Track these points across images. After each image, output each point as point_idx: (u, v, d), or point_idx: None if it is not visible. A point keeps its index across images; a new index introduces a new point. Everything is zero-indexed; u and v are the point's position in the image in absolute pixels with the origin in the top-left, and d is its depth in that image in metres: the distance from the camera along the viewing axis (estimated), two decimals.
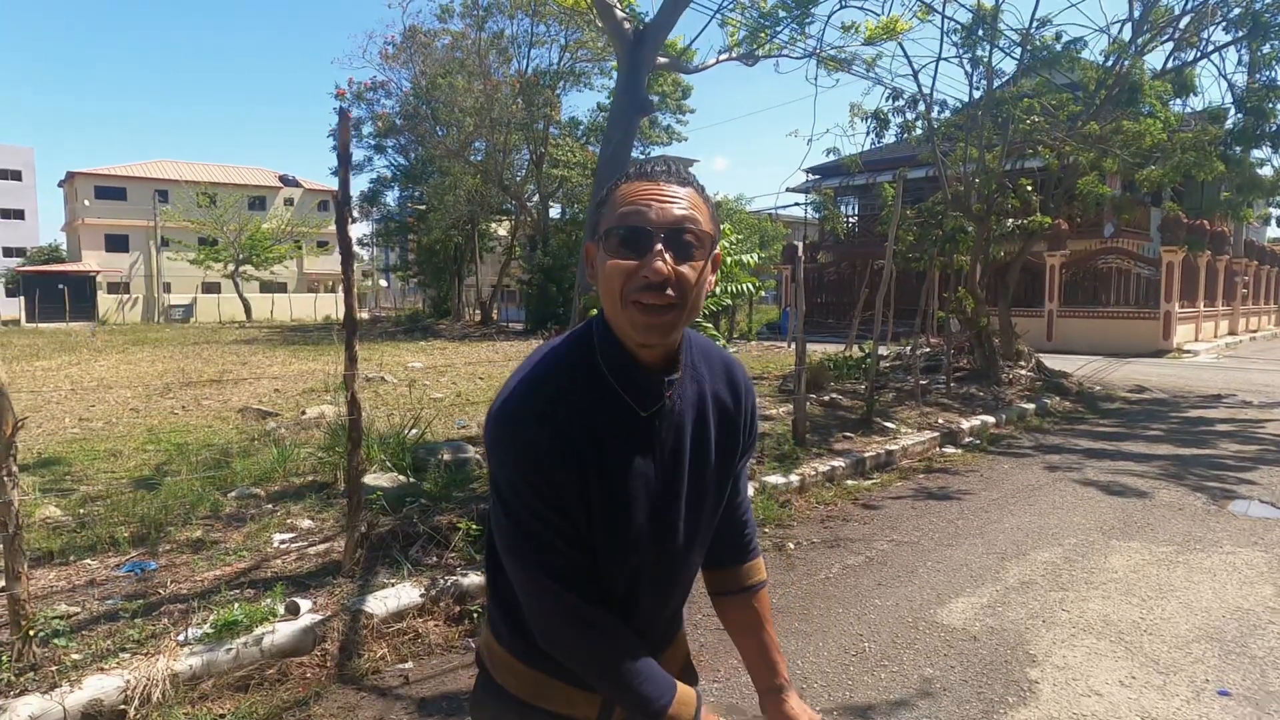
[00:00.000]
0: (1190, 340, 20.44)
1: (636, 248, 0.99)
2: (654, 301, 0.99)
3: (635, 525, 1.08)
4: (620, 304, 1.00)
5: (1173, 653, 3.35)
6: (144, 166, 46.59)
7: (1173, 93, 10.75)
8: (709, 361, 1.18)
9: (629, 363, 1.06)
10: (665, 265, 0.98)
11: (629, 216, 1.00)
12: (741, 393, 1.21)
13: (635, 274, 0.99)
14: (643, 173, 1.04)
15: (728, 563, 1.31)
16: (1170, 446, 7.86)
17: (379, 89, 26.85)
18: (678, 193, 1.02)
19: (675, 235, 0.99)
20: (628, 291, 0.99)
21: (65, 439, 7.12)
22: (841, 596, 4.01)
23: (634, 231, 0.99)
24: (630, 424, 1.07)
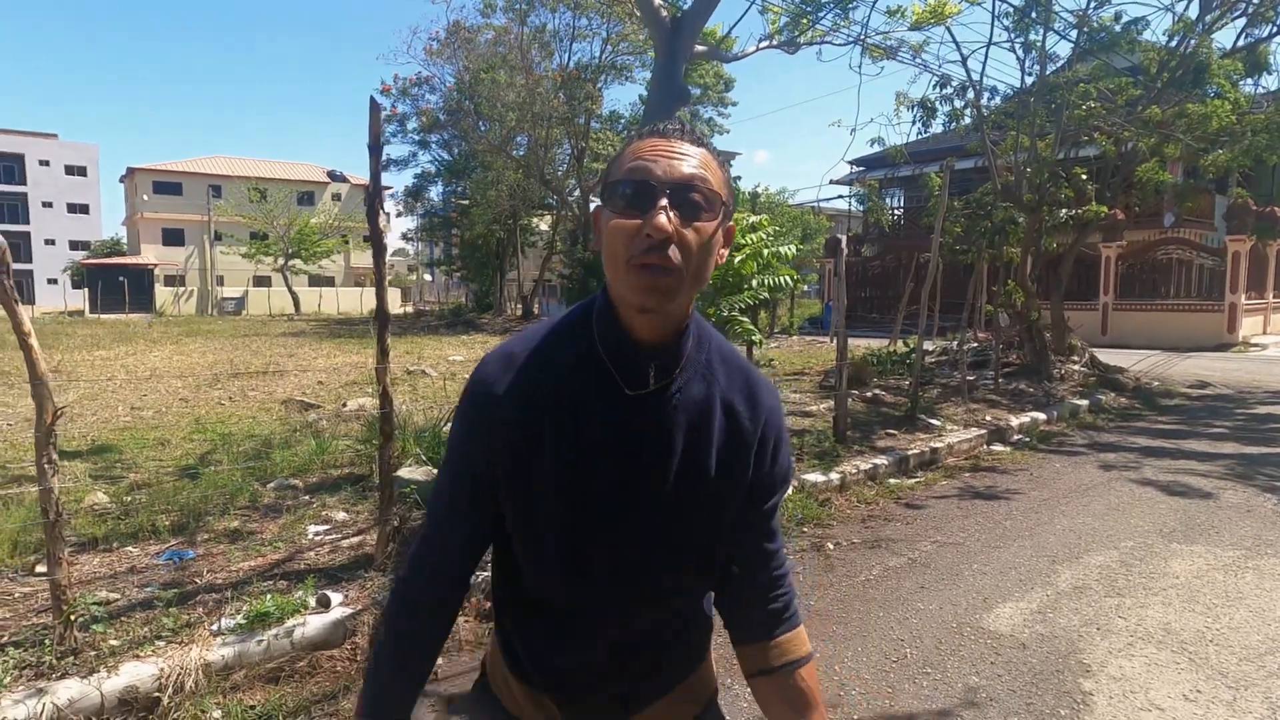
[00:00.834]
0: (1258, 334, 19.53)
1: (640, 205, 0.91)
2: (656, 262, 0.90)
3: (594, 510, 0.98)
4: (622, 267, 0.92)
5: (1243, 665, 3.15)
6: (199, 162, 48.01)
7: (1244, 72, 10.20)
8: (728, 368, 1.06)
9: (623, 336, 0.97)
10: (669, 223, 0.89)
11: (634, 172, 0.92)
12: (761, 413, 1.06)
13: (638, 233, 0.90)
14: (655, 130, 0.96)
15: (757, 635, 1.09)
16: (1236, 445, 7.48)
17: (423, 84, 27.21)
18: (688, 151, 0.94)
19: (682, 192, 0.91)
20: (631, 252, 0.91)
21: (117, 427, 7.32)
22: (882, 599, 3.87)
23: (638, 187, 0.91)
24: (613, 402, 0.97)
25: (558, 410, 0.97)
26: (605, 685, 1.09)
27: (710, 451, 1.02)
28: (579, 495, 0.98)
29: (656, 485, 1.00)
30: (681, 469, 1.00)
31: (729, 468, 1.04)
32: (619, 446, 0.98)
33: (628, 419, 0.98)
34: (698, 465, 1.01)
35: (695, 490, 1.02)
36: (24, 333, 2.69)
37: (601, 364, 0.98)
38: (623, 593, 1.03)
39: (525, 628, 1.09)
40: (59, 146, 60.06)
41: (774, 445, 1.08)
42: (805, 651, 1.10)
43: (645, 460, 0.99)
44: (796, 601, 1.14)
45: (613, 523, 1.00)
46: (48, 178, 58.97)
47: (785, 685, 1.08)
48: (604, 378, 0.98)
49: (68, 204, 59.92)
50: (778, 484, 1.10)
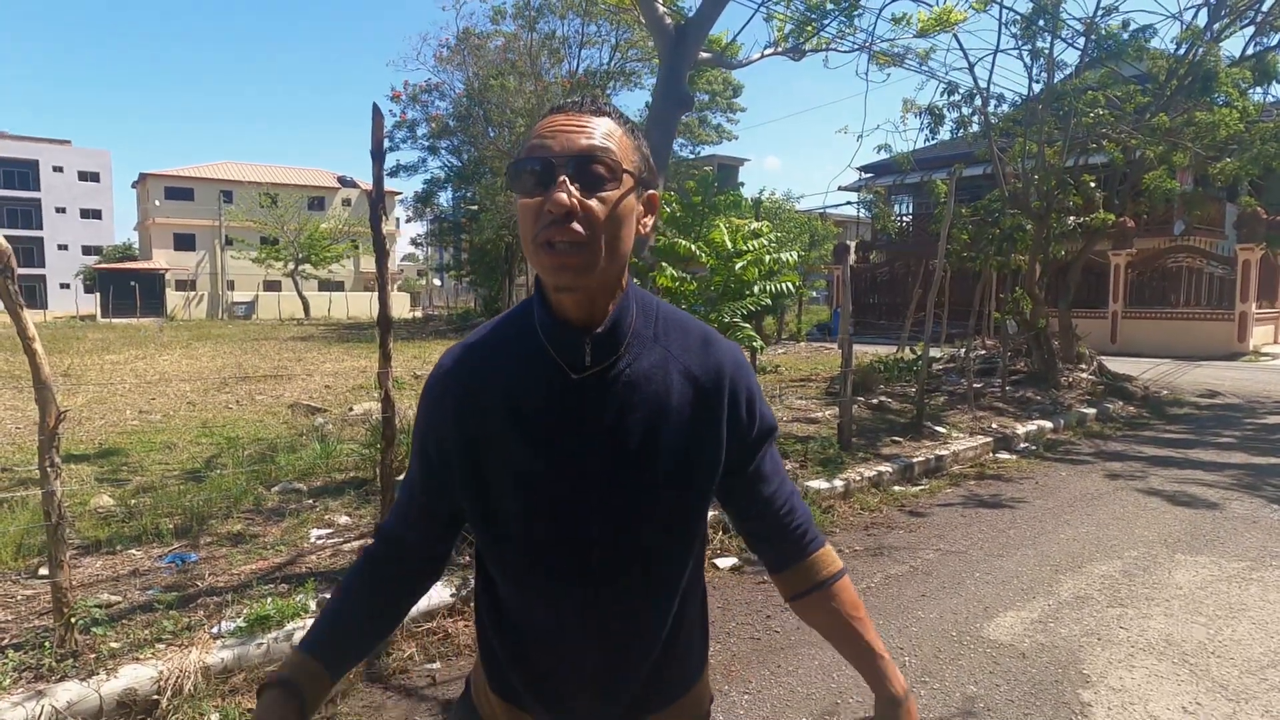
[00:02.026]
0: (1269, 343, 19.38)
1: (542, 182, 0.90)
2: (561, 239, 0.89)
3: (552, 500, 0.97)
4: (531, 246, 0.92)
5: (1244, 678, 3.12)
6: (210, 168, 48.41)
7: (1252, 80, 10.13)
8: (681, 334, 1.04)
9: (556, 319, 0.97)
10: (569, 197, 0.89)
11: (534, 150, 0.92)
12: (724, 372, 1.03)
13: (541, 210, 0.90)
14: (557, 106, 0.96)
15: (787, 562, 1.13)
16: (1244, 455, 7.42)
17: (433, 91, 27.36)
18: (589, 122, 0.93)
19: (582, 165, 0.90)
20: (536, 231, 0.91)
21: (125, 430, 7.39)
22: (883, 607, 3.86)
23: (537, 164, 0.91)
24: (560, 387, 0.97)
25: (506, 399, 0.98)
26: (590, 697, 1.04)
27: (673, 424, 0.99)
28: (535, 486, 0.97)
29: (616, 468, 0.97)
30: (642, 448, 0.98)
31: (698, 437, 1.01)
32: (571, 433, 0.96)
33: (578, 404, 0.96)
34: (661, 441, 0.98)
35: (661, 467, 0.99)
36: (28, 337, 2.72)
37: (544, 350, 0.98)
38: (596, 587, 1.00)
39: (505, 635, 1.06)
40: (72, 153, 60.66)
41: (746, 401, 1.05)
42: (839, 566, 1.15)
43: (601, 444, 0.97)
44: (814, 523, 1.17)
45: (574, 511, 0.98)
46: (61, 183, 59.56)
47: (828, 598, 1.12)
48: (548, 364, 0.97)
49: (80, 209, 60.49)
50: (761, 439, 1.09)
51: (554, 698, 1.05)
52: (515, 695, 1.08)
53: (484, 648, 1.11)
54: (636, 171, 0.96)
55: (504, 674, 1.08)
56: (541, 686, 1.05)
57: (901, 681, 1.09)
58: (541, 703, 1.06)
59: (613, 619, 1.02)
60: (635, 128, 0.99)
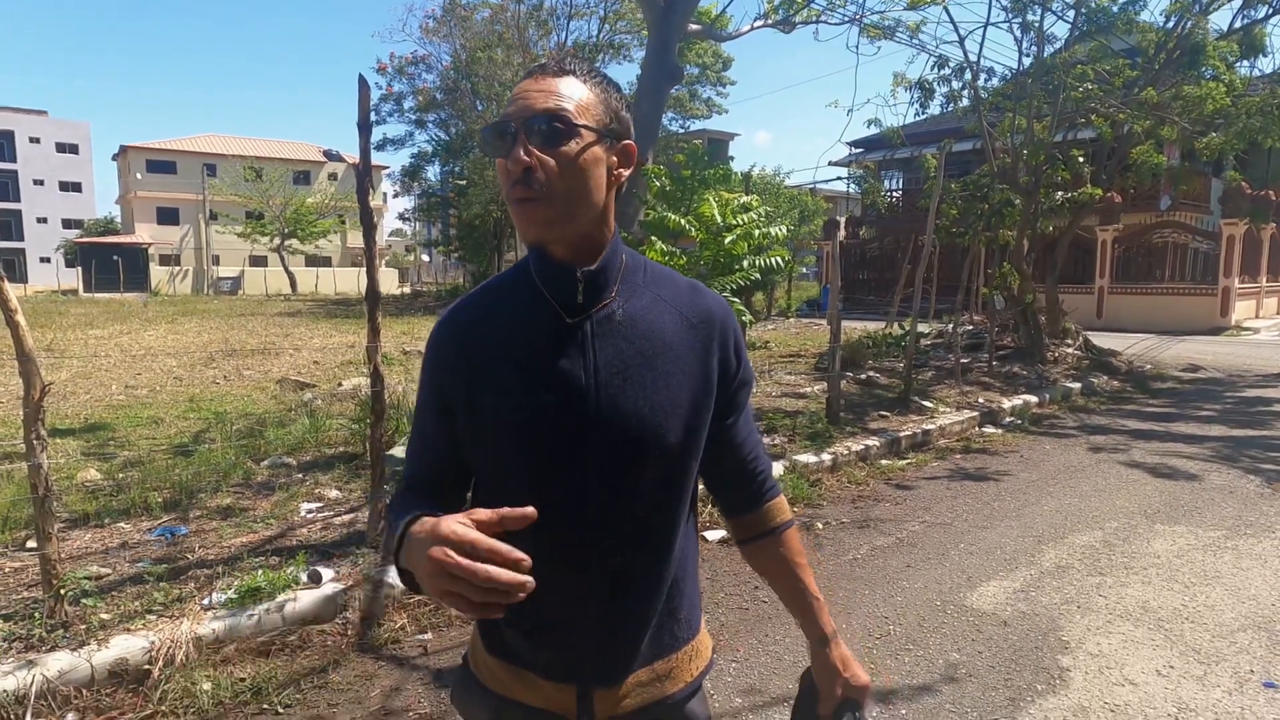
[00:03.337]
0: (1250, 317, 19.59)
1: (505, 145, 0.96)
2: (521, 195, 0.96)
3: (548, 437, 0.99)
4: (510, 205, 0.98)
5: (1216, 642, 3.20)
6: (193, 141, 47.61)
7: (1239, 54, 10.15)
8: (672, 283, 1.10)
9: (548, 263, 1.02)
10: (524, 156, 0.94)
11: (500, 117, 0.98)
12: (714, 314, 1.08)
13: (506, 170, 0.96)
14: (526, 72, 1.02)
15: (745, 508, 1.20)
16: (1224, 427, 7.54)
17: (419, 63, 26.99)
18: (549, 84, 0.98)
19: (536, 124, 0.95)
20: (508, 190, 0.97)
21: (111, 405, 7.34)
22: (869, 578, 3.92)
23: (498, 129, 0.97)
24: (554, 331, 1.01)
25: (502, 345, 1.02)
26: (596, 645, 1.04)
27: (670, 360, 1.03)
28: (535, 429, 0.99)
29: (617, 406, 1.00)
30: (641, 383, 1.01)
31: (694, 376, 1.05)
32: (569, 374, 0.99)
33: (574, 345, 1.00)
34: (660, 376, 1.02)
35: (661, 403, 1.01)
36: (10, 309, 2.70)
37: (540, 296, 1.02)
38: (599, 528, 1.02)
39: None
40: (49, 124, 59.47)
41: (734, 346, 1.11)
42: (789, 516, 1.23)
43: (600, 384, 0.99)
44: (773, 474, 1.25)
45: (574, 453, 0.99)
46: (38, 155, 58.45)
47: (777, 545, 1.20)
48: (544, 309, 1.02)
49: (60, 182, 59.45)
50: (742, 386, 1.14)
51: (559, 648, 1.05)
52: (514, 654, 1.08)
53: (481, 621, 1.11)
54: (599, 124, 0.99)
55: (502, 633, 1.08)
56: (545, 638, 1.05)
57: (830, 623, 1.21)
58: (545, 655, 1.06)
59: (616, 560, 1.03)
60: (604, 81, 1.03)
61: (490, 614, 0.77)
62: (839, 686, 1.20)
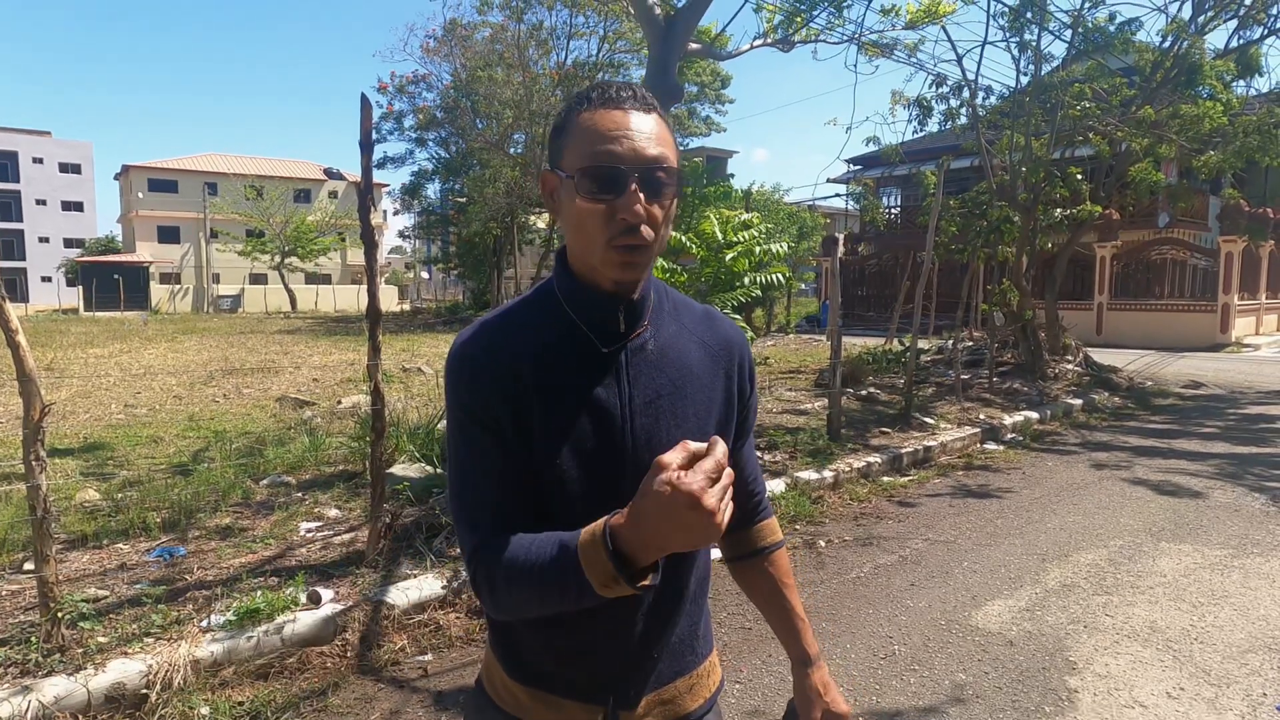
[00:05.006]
0: (1250, 334, 19.59)
1: (612, 189, 0.95)
2: (631, 243, 0.96)
3: (584, 467, 0.99)
4: (600, 249, 0.97)
5: (1226, 663, 3.17)
6: (194, 160, 47.86)
7: (1236, 73, 10.22)
8: (690, 310, 1.13)
9: (591, 296, 1.02)
10: (642, 207, 0.95)
11: (601, 155, 0.95)
12: (732, 341, 1.13)
13: (612, 217, 0.95)
14: (607, 98, 0.97)
15: (736, 525, 1.21)
16: (1226, 445, 7.51)
17: (420, 82, 27.10)
18: (646, 125, 0.97)
19: (649, 174, 0.95)
20: (609, 235, 0.96)
21: (111, 424, 7.32)
22: (872, 596, 3.88)
23: (609, 172, 0.95)
24: (590, 360, 1.01)
25: (541, 371, 1.00)
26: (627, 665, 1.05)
27: (697, 388, 1.07)
28: (573, 457, 1.00)
29: (651, 433, 1.02)
30: (674, 411, 1.04)
31: (717, 402, 1.09)
32: (605, 403, 1.00)
33: (609, 374, 1.01)
34: (689, 404, 1.05)
35: (693, 428, 1.04)
36: (11, 330, 2.69)
37: (574, 326, 1.02)
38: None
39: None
40: (53, 144, 59.80)
41: (748, 369, 1.15)
42: (780, 537, 1.26)
43: (634, 411, 1.01)
44: (768, 497, 1.28)
45: (613, 479, 1.00)
46: (41, 175, 58.71)
47: (765, 563, 1.22)
48: (577, 338, 1.02)
49: (62, 202, 59.69)
50: (751, 410, 1.19)
51: (591, 669, 1.05)
52: (539, 677, 1.07)
53: (502, 636, 1.10)
54: (678, 168, 1.01)
55: (525, 656, 1.07)
56: (578, 660, 1.05)
57: (814, 646, 1.21)
58: (576, 676, 1.05)
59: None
60: (666, 113, 1.04)
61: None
62: (818, 711, 1.18)
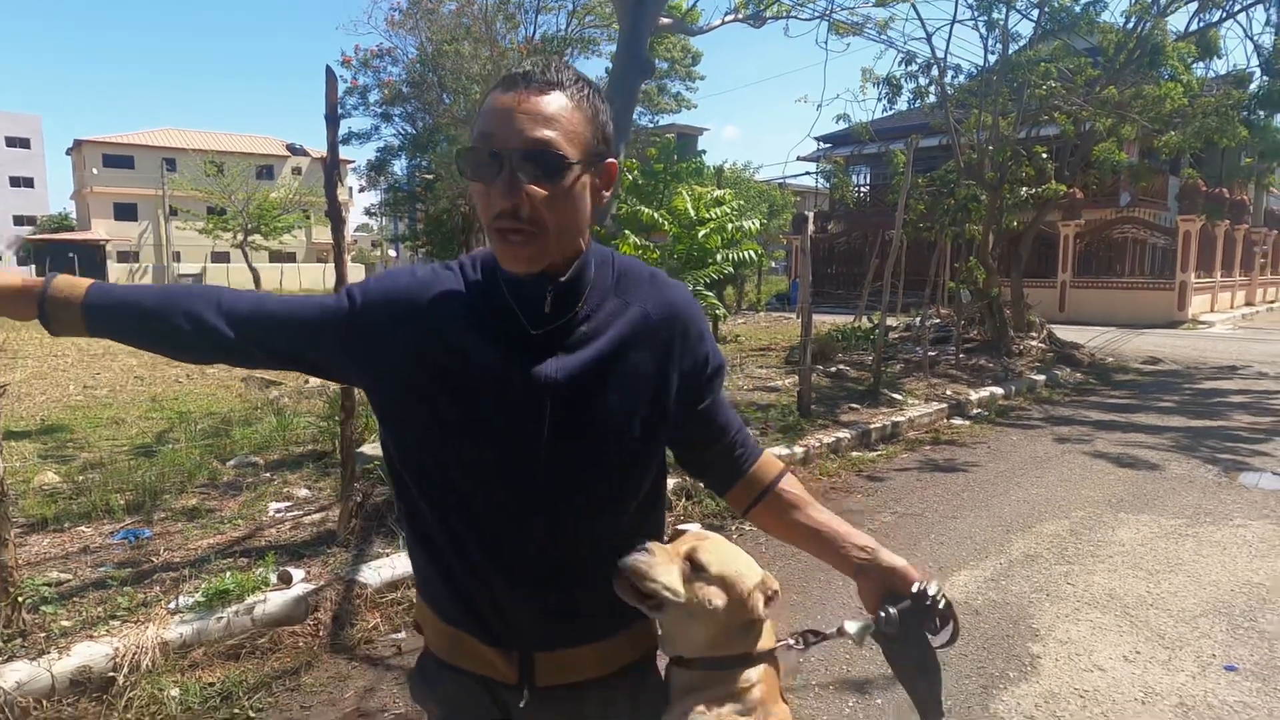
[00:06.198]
0: (1206, 311, 20.13)
1: (487, 173, 0.90)
2: (509, 227, 0.91)
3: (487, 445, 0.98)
4: (487, 230, 0.94)
5: (1179, 627, 3.29)
6: (151, 135, 46.41)
7: (1196, 54, 10.41)
8: (635, 279, 1.06)
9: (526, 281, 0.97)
10: (512, 192, 0.89)
11: (480, 139, 0.91)
12: (677, 312, 1.06)
13: (491, 201, 0.91)
14: (507, 80, 0.93)
15: (734, 480, 1.16)
16: (1183, 418, 7.74)
17: (385, 56, 26.52)
18: (538, 105, 0.90)
19: (528, 158, 0.89)
20: (490, 219, 0.92)
21: (69, 405, 7.13)
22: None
23: (480, 154, 0.90)
24: (515, 342, 0.98)
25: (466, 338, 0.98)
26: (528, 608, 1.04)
27: (628, 370, 1.02)
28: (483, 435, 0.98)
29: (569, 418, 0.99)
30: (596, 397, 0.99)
31: (651, 377, 1.03)
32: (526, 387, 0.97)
33: (533, 358, 0.98)
34: (615, 388, 1.01)
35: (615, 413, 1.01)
36: None
37: (504, 304, 0.98)
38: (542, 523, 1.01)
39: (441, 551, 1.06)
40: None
41: (696, 337, 1.08)
42: (780, 466, 1.18)
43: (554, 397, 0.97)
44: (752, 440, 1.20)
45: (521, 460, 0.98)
46: None
47: (778, 498, 1.15)
48: (506, 317, 0.98)
49: (10, 177, 57.39)
50: (714, 375, 1.12)
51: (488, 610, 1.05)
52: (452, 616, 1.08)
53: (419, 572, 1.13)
54: (588, 150, 0.94)
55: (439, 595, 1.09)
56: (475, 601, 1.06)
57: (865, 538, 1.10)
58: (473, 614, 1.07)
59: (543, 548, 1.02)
60: (592, 92, 0.96)
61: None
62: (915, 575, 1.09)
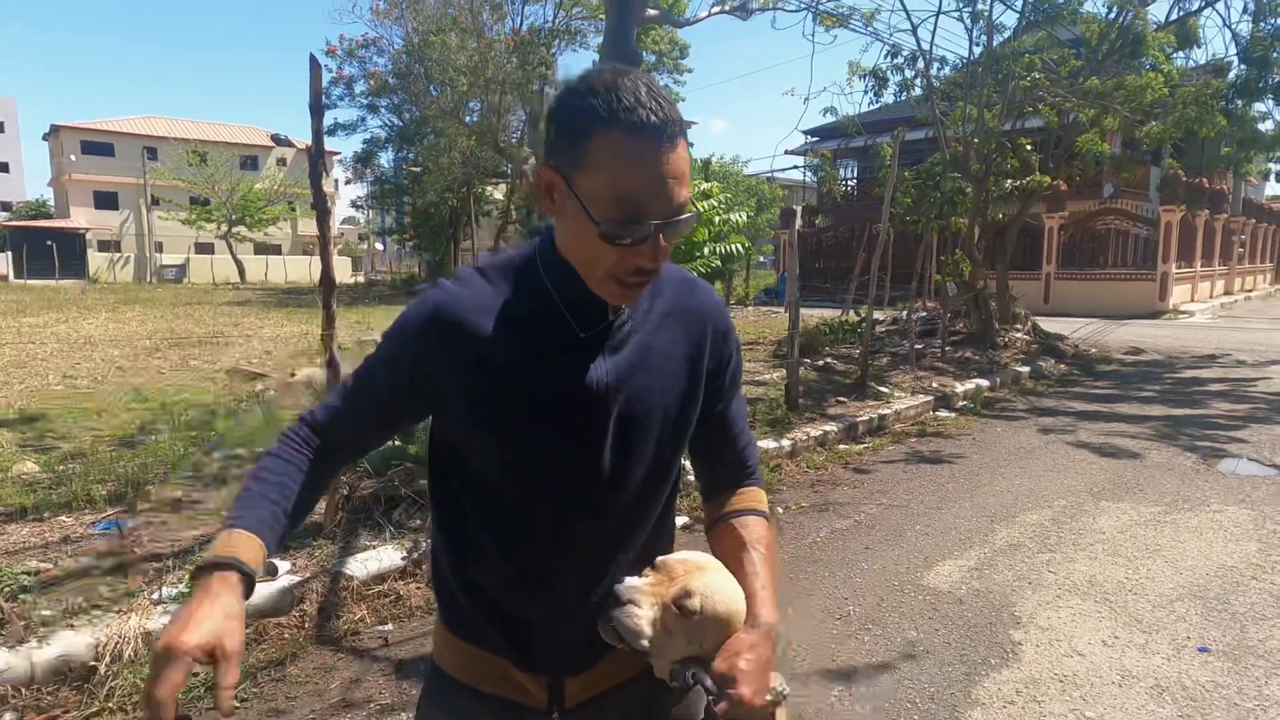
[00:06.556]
0: (1186, 301, 20.36)
1: (633, 231, 0.89)
2: (639, 281, 0.94)
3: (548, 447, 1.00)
4: (601, 275, 0.93)
5: (1156, 611, 3.34)
6: (132, 122, 45.73)
7: (1176, 44, 10.48)
8: (671, 280, 1.08)
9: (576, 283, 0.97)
10: (660, 254, 0.92)
11: (629, 207, 0.87)
12: (706, 310, 1.09)
13: (627, 258, 0.91)
14: (638, 122, 0.86)
15: (725, 488, 1.16)
16: (1163, 407, 7.84)
17: (371, 46, 26.21)
18: (678, 164, 0.89)
19: (675, 222, 0.91)
20: (616, 271, 0.92)
21: (49, 395, 7.05)
22: (828, 560, 3.98)
23: (638, 222, 0.88)
24: (565, 344, 0.99)
25: (510, 351, 0.98)
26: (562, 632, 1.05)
27: (668, 369, 1.04)
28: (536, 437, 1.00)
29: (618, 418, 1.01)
30: (642, 396, 1.02)
31: (685, 377, 1.06)
32: (575, 387, 0.99)
33: (583, 359, 0.99)
34: (658, 388, 1.03)
35: (658, 412, 1.04)
36: None
37: (554, 305, 0.99)
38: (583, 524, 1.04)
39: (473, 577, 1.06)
40: None
41: (724, 337, 1.11)
42: (764, 507, 1.15)
43: (603, 397, 1.00)
44: (759, 466, 1.20)
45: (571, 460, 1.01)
46: None
47: (744, 525, 1.11)
48: (555, 320, 0.99)
49: None
50: (735, 377, 1.14)
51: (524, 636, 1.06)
52: (480, 637, 1.08)
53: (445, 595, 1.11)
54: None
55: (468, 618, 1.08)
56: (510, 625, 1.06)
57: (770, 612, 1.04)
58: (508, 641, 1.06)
59: (592, 553, 1.05)
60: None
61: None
62: (726, 664, 0.97)
